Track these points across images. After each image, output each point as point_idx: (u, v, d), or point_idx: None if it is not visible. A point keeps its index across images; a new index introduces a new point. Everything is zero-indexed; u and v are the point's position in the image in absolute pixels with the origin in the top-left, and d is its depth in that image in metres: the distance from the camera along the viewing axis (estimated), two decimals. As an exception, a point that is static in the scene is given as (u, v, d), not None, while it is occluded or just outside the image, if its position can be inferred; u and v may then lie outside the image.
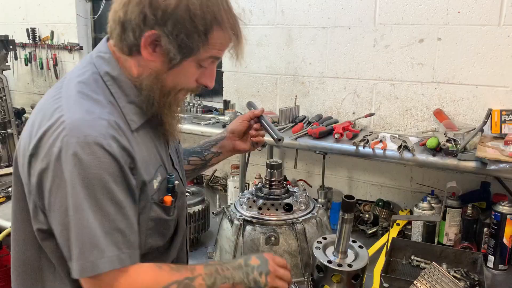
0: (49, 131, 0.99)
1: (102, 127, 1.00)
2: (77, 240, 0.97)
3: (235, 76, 2.69)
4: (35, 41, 3.38)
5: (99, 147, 0.97)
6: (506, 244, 1.80)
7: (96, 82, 1.09)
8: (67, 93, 1.07)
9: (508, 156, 1.65)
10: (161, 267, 1.09)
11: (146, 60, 1.08)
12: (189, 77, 1.13)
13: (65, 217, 0.98)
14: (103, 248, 0.98)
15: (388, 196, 2.39)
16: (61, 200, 0.98)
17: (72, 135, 0.97)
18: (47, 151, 0.98)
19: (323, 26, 2.37)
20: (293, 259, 1.68)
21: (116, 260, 0.99)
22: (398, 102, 2.25)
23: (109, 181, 0.99)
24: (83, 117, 1.00)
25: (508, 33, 1.96)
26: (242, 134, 1.57)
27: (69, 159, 0.96)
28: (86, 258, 0.97)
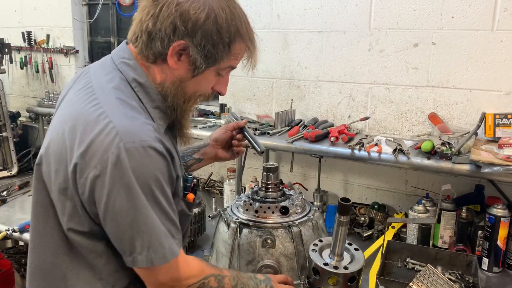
0: (99, 137, 1.02)
1: (150, 131, 1.07)
2: (146, 234, 1.05)
3: (231, 80, 2.65)
4: (31, 44, 3.37)
5: (153, 150, 1.04)
6: (500, 247, 1.81)
7: (127, 88, 1.14)
8: (105, 98, 1.09)
9: (502, 159, 1.67)
10: (202, 259, 1.25)
11: (170, 68, 1.14)
12: (208, 85, 1.22)
13: (127, 217, 1.04)
14: (165, 239, 1.08)
15: (383, 199, 2.40)
16: (123, 202, 1.02)
17: (127, 140, 1.01)
18: (101, 157, 1.01)
19: (318, 30, 2.39)
20: (289, 262, 1.69)
21: (177, 246, 1.11)
22: (393, 106, 2.27)
23: (162, 180, 1.07)
24: (132, 123, 1.05)
25: (501, 38, 1.98)
26: (225, 142, 1.64)
27: (127, 164, 1.00)
28: (163, 246, 1.06)
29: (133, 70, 1.15)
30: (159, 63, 1.14)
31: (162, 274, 1.11)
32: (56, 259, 1.17)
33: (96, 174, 1.01)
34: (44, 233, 1.17)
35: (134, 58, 1.16)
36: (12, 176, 2.99)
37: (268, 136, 2.26)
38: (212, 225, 2.06)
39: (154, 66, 1.15)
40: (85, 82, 1.17)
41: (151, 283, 1.14)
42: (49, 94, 3.26)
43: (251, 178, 2.52)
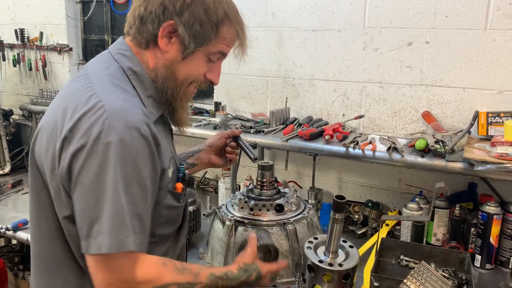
0: (87, 115, 1.03)
1: (138, 114, 1.07)
2: (108, 218, 1.00)
3: (226, 78, 2.70)
4: (24, 42, 3.35)
5: (137, 131, 1.03)
6: (492, 244, 1.83)
7: (122, 76, 1.17)
8: (99, 82, 1.12)
9: (494, 157, 1.68)
10: (166, 264, 1.12)
11: (162, 52, 1.17)
12: (199, 70, 1.22)
13: (97, 193, 1.00)
14: (129, 229, 1.02)
15: (377, 197, 2.41)
16: (95, 177, 1.00)
17: (113, 118, 1.02)
18: (85, 132, 1.01)
19: (313, 29, 2.39)
20: (284, 259, 1.69)
21: (134, 243, 1.02)
22: (387, 105, 2.29)
23: (141, 165, 1.05)
24: (122, 104, 1.06)
25: (494, 37, 2.00)
26: (219, 149, 1.66)
27: (110, 140, 1.00)
28: (117, 235, 1.00)
29: (129, 60, 1.19)
30: (151, 47, 1.18)
31: (109, 271, 1.03)
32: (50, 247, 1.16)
33: (77, 147, 1.02)
34: (39, 221, 1.18)
35: (130, 49, 1.20)
36: (5, 175, 2.97)
37: (263, 134, 2.26)
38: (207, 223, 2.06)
39: (147, 52, 1.19)
40: (82, 72, 1.20)
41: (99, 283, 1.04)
42: (42, 92, 3.24)
43: (245, 176, 2.53)
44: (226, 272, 1.25)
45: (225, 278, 1.23)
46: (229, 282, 1.24)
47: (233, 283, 1.25)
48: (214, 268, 1.32)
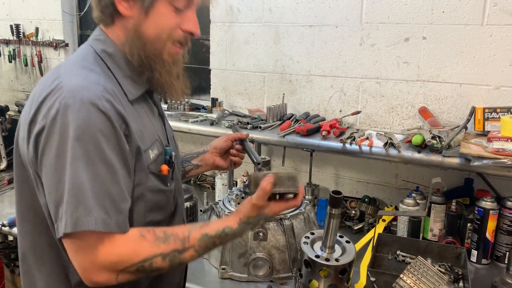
0: (48, 97, 1.02)
1: (98, 90, 1.03)
2: (68, 196, 0.96)
3: (222, 74, 2.69)
4: (19, 37, 3.33)
5: (94, 107, 0.99)
6: (488, 239, 1.84)
7: (94, 58, 1.14)
8: (66, 67, 1.11)
9: (491, 152, 1.69)
10: (144, 236, 1.04)
11: (126, 19, 1.13)
12: (169, 22, 1.14)
13: (58, 174, 0.98)
14: (91, 208, 0.96)
15: (374, 192, 2.42)
16: (55, 158, 0.98)
17: (69, 96, 0.99)
18: (45, 114, 1.00)
19: (310, 24, 2.39)
20: (281, 255, 1.70)
21: (101, 223, 0.97)
22: (384, 100, 2.29)
23: (103, 142, 1.00)
24: (80, 81, 1.03)
25: (491, 33, 2.00)
26: (224, 151, 1.61)
27: (65, 119, 0.98)
28: (72, 214, 0.96)
29: (103, 43, 1.16)
30: (117, 20, 1.14)
31: (81, 254, 0.99)
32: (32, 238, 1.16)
33: (39, 129, 1.01)
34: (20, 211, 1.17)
35: (105, 34, 1.17)
36: (1, 171, 2.96)
37: (259, 130, 2.26)
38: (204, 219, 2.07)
39: (115, 27, 1.15)
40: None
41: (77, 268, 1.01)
42: (38, 88, 3.23)
43: (242, 172, 2.52)
44: (224, 229, 1.13)
45: (223, 236, 1.13)
46: (230, 238, 1.15)
47: (235, 237, 1.17)
48: (208, 226, 1.14)
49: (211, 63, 2.72)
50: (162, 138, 1.26)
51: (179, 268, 1.39)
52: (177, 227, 1.12)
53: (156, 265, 1.05)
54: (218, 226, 1.13)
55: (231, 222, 1.15)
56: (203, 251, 1.12)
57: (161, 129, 1.29)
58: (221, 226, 1.13)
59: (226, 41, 2.63)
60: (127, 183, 1.06)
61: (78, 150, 0.97)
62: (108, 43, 1.16)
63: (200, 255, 1.12)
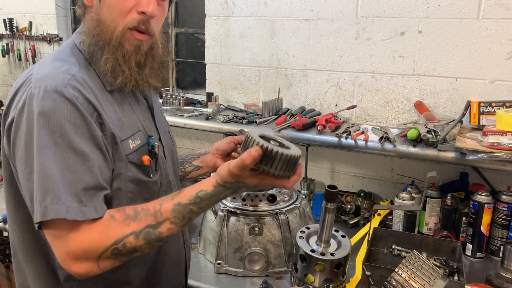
0: (20, 89, 1.03)
1: (65, 79, 1.01)
2: (36, 186, 0.95)
3: (218, 68, 2.68)
4: (13, 32, 3.30)
5: (59, 95, 0.98)
6: (483, 233, 1.84)
7: (71, 51, 1.14)
8: (42, 60, 1.12)
9: (486, 146, 1.69)
10: (113, 217, 1.01)
11: (90, 10, 1.13)
12: (122, 4, 1.09)
13: (28, 165, 0.97)
14: (60, 196, 0.94)
15: (370, 187, 2.42)
16: (24, 149, 0.98)
17: (35, 86, 0.99)
18: (15, 106, 1.02)
19: (306, 18, 2.38)
20: (277, 249, 1.70)
21: (73, 211, 0.95)
22: (380, 95, 2.28)
23: (70, 130, 0.97)
24: (49, 71, 1.03)
25: (487, 27, 2.00)
26: (226, 154, 1.56)
27: (30, 108, 0.97)
28: (40, 203, 0.95)
29: (82, 35, 1.15)
30: (86, 12, 1.16)
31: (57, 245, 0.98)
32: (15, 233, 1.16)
33: (9, 122, 1.02)
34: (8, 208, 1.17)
35: (84, 26, 1.16)
36: (-5, 166, 2.95)
37: (255, 124, 2.25)
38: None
39: (86, 19, 1.15)
40: None
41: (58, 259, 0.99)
42: (32, 82, 3.21)
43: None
44: (197, 193, 1.04)
45: (199, 201, 1.03)
46: (208, 202, 1.05)
47: (214, 201, 1.06)
48: (181, 193, 1.05)
49: (207, 57, 2.70)
50: (148, 129, 1.23)
51: (177, 265, 1.37)
52: (149, 202, 1.05)
53: (131, 245, 0.99)
54: (191, 191, 1.04)
55: (206, 185, 1.04)
56: (181, 221, 1.04)
57: (148, 120, 1.26)
58: (194, 191, 1.04)
59: (221, 35, 2.62)
60: (104, 168, 1.03)
61: (45, 138, 0.95)
62: (87, 34, 1.14)
63: (180, 226, 1.04)
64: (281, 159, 0.99)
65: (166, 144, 1.33)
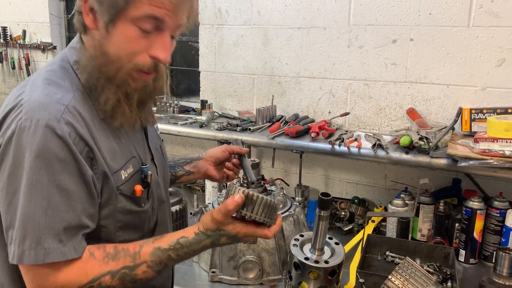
0: (9, 114, 0.98)
1: (57, 111, 0.96)
2: (18, 225, 0.93)
3: (212, 76, 2.69)
4: (6, 40, 3.30)
5: (50, 130, 0.93)
6: (476, 239, 1.85)
7: (65, 70, 1.07)
8: (34, 80, 1.05)
9: (477, 153, 1.70)
10: (93, 254, 1.00)
11: (92, 31, 1.04)
12: (132, 44, 1.02)
13: (11, 199, 0.95)
14: (39, 239, 0.93)
15: (364, 193, 2.43)
16: (7, 180, 0.95)
17: (26, 117, 0.94)
18: (3, 133, 0.97)
19: (298, 26, 2.40)
20: (271, 257, 1.70)
21: (52, 253, 0.94)
22: (372, 102, 2.30)
23: (58, 167, 0.94)
24: (41, 100, 0.97)
25: (477, 34, 2.02)
26: (219, 162, 1.55)
27: (19, 142, 0.94)
28: (19, 245, 0.93)
29: (77, 53, 1.08)
30: (87, 30, 1.06)
31: (32, 282, 0.97)
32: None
33: None
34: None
35: (81, 41, 1.09)
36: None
37: (249, 132, 2.26)
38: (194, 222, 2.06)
39: (86, 36, 1.07)
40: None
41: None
42: (26, 91, 3.20)
43: (233, 175, 2.52)
44: (178, 240, 1.03)
45: (178, 248, 1.03)
46: (188, 251, 1.05)
47: (194, 250, 1.05)
48: (162, 238, 1.05)
49: (200, 65, 2.71)
50: (142, 154, 1.19)
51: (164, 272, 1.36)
52: (131, 243, 1.04)
53: (105, 284, 0.99)
54: (173, 237, 1.05)
55: (188, 232, 1.05)
56: (157, 266, 1.03)
57: (142, 143, 1.21)
58: (176, 237, 1.04)
59: (215, 43, 2.63)
60: (87, 204, 1.00)
61: (32, 176, 0.93)
62: (82, 53, 1.07)
63: (156, 272, 1.03)
64: (261, 203, 1.03)
65: (158, 162, 1.28)
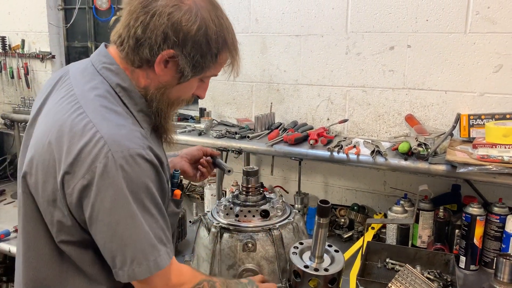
0: (87, 148, 1.02)
1: (138, 139, 1.07)
2: (135, 245, 1.04)
3: (210, 84, 2.66)
4: (5, 50, 3.31)
5: (141, 158, 1.04)
6: (476, 245, 1.85)
7: (111, 94, 1.13)
8: (90, 107, 1.08)
9: (476, 159, 1.70)
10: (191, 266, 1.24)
11: (156, 74, 1.15)
12: (191, 90, 1.24)
13: (115, 227, 1.03)
14: (159, 247, 1.08)
15: (363, 200, 2.43)
16: (110, 212, 1.02)
17: (115, 150, 1.01)
18: (89, 168, 1.01)
19: (296, 34, 2.40)
20: (271, 265, 1.69)
21: (167, 255, 1.10)
22: (371, 108, 2.30)
23: (152, 187, 1.07)
24: (119, 131, 1.05)
25: (474, 40, 2.03)
26: (194, 160, 1.67)
27: (117, 173, 1.00)
28: (148, 259, 1.06)
29: (116, 75, 1.15)
30: (144, 68, 1.15)
31: (154, 284, 1.11)
32: (50, 270, 1.17)
33: (84, 184, 1.01)
34: (36, 246, 1.16)
35: (116, 62, 1.16)
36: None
37: (248, 139, 2.26)
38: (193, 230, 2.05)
39: (139, 70, 1.16)
40: (67, 90, 1.15)
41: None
42: (24, 100, 3.20)
43: (232, 182, 2.52)
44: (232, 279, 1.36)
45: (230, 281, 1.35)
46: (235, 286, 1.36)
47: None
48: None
49: (199, 73, 2.71)
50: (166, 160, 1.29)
51: None
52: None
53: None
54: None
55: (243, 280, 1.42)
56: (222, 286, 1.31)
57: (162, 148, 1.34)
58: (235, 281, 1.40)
59: (213, 51, 2.63)
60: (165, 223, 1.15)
61: (136, 201, 1.03)
62: (123, 76, 1.15)
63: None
64: None
65: None
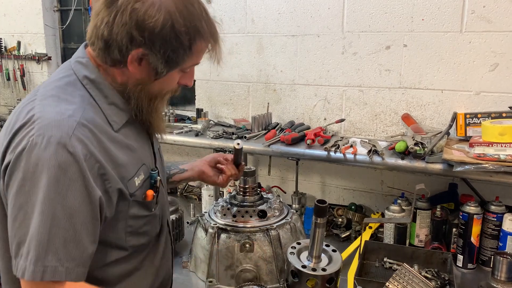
0: (21, 130, 0.99)
1: (69, 128, 0.98)
2: (32, 242, 0.94)
3: (207, 84, 2.69)
4: (1, 51, 3.30)
5: (61, 147, 0.95)
6: (473, 244, 1.85)
7: (74, 85, 1.10)
8: (43, 94, 1.07)
9: (473, 157, 1.70)
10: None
11: (131, 72, 1.10)
12: (173, 82, 1.18)
13: (17, 213, 0.96)
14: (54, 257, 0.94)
15: (360, 200, 2.43)
16: (15, 196, 0.97)
17: (39, 134, 0.96)
18: (14, 148, 0.98)
19: (293, 34, 2.40)
20: (268, 265, 1.69)
21: (51, 271, 0.94)
22: (367, 108, 2.30)
23: (65, 185, 0.95)
24: (53, 117, 0.99)
25: (470, 39, 2.03)
26: (214, 162, 1.63)
27: (29, 158, 0.95)
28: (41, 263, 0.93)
29: (85, 68, 1.11)
30: (118, 67, 1.11)
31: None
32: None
33: (6, 164, 0.99)
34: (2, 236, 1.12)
35: (88, 57, 1.13)
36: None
37: (245, 140, 2.26)
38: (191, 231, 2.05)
39: (114, 68, 1.12)
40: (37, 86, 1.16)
41: None
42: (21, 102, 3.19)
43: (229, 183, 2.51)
44: None
45: None
46: None
47: None
48: None
49: (196, 73, 2.69)
50: (150, 160, 1.24)
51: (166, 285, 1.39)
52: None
53: None
54: None
55: None
56: None
57: (149, 149, 1.26)
58: None
59: (209, 51, 2.63)
60: (91, 227, 1.01)
61: (41, 193, 0.94)
62: (91, 69, 1.11)
63: None
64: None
65: (159, 165, 1.32)
